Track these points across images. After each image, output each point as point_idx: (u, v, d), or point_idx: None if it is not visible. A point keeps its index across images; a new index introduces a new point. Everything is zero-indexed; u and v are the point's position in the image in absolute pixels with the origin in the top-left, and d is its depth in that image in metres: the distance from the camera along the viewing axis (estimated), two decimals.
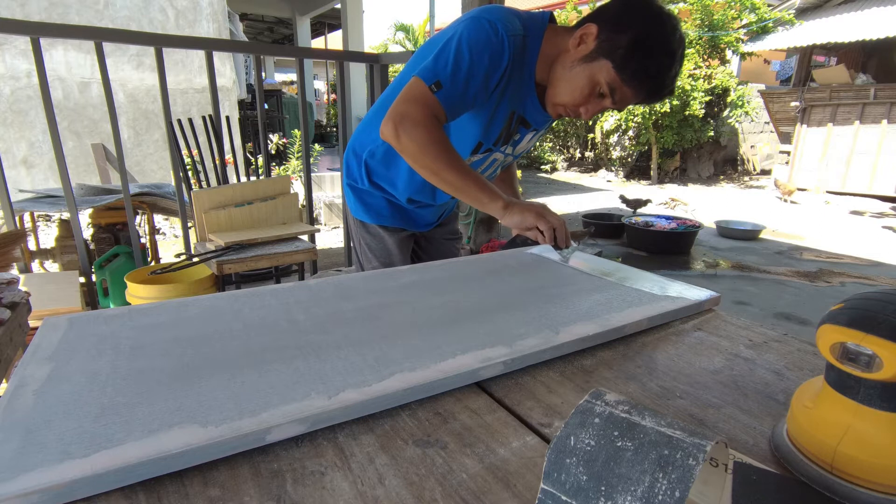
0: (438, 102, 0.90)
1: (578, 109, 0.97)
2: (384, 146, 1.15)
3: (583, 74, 0.93)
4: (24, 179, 4.65)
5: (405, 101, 0.91)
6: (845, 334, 0.37)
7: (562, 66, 0.96)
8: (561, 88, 0.97)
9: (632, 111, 7.55)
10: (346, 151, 1.24)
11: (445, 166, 0.91)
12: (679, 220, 4.39)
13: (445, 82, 0.90)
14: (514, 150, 1.15)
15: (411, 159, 0.93)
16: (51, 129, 1.86)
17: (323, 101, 14.32)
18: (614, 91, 0.92)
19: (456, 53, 0.90)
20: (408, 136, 0.90)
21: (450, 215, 1.41)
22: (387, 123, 0.91)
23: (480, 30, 0.91)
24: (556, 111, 1.02)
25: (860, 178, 6.76)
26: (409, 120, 0.89)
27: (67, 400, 0.45)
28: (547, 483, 0.30)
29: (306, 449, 0.43)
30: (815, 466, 0.40)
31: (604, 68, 0.91)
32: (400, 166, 1.15)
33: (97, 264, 2.23)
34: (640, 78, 0.90)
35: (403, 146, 0.91)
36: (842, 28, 7.02)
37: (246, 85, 7.04)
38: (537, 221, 0.92)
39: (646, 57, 0.89)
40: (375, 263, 1.27)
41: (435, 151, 0.90)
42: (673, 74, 0.92)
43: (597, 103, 0.96)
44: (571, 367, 0.58)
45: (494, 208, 0.94)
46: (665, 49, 0.89)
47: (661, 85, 0.92)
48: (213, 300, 0.71)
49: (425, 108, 0.90)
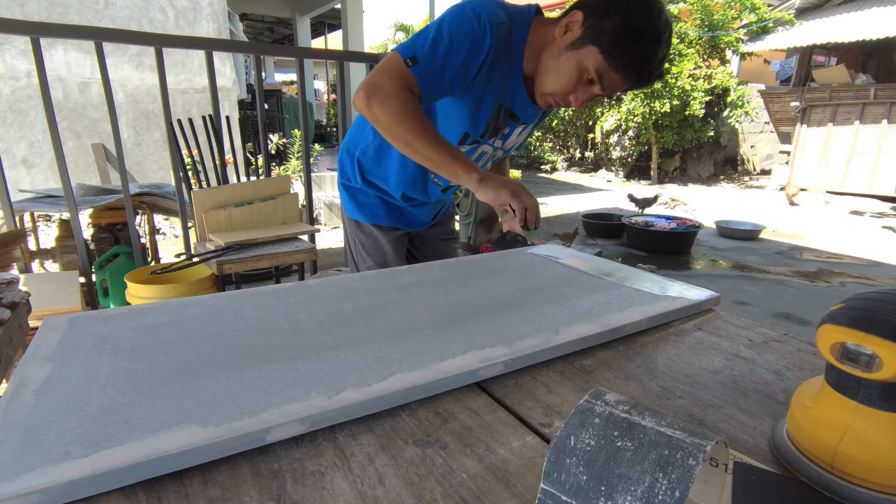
0: (413, 76, 0.90)
1: (568, 98, 0.97)
2: (375, 143, 1.15)
3: (570, 62, 0.93)
4: (24, 179, 4.65)
5: (379, 73, 0.90)
6: (845, 334, 0.37)
7: (549, 55, 0.97)
8: (549, 77, 0.97)
9: (632, 111, 7.54)
10: (341, 151, 1.24)
11: (418, 137, 0.90)
12: (679, 220, 4.39)
13: (422, 59, 0.90)
14: (503, 143, 1.15)
15: (384, 130, 0.92)
16: (51, 129, 1.86)
17: (323, 101, 14.33)
18: (602, 77, 0.92)
19: (436, 34, 0.90)
20: (380, 105, 0.89)
21: (445, 215, 1.41)
22: (359, 93, 0.91)
23: (463, 16, 0.92)
24: (545, 101, 1.02)
25: (860, 178, 6.76)
26: (382, 90, 0.89)
27: (67, 400, 0.45)
28: (547, 483, 0.30)
29: (306, 449, 0.43)
30: (814, 466, 0.40)
31: (591, 54, 0.91)
32: (391, 162, 1.15)
33: (97, 264, 2.23)
34: (628, 63, 0.90)
35: (376, 116, 0.91)
36: (842, 28, 7.02)
37: (246, 85, 7.04)
38: (511, 199, 0.92)
39: (633, 41, 0.89)
40: (370, 263, 1.27)
41: (409, 122, 0.89)
42: (661, 58, 0.91)
43: (585, 90, 0.96)
44: (571, 367, 0.58)
45: (469, 180, 0.93)
46: (652, 33, 0.89)
47: (650, 69, 0.92)
48: (213, 300, 0.71)
49: (399, 79, 0.89)
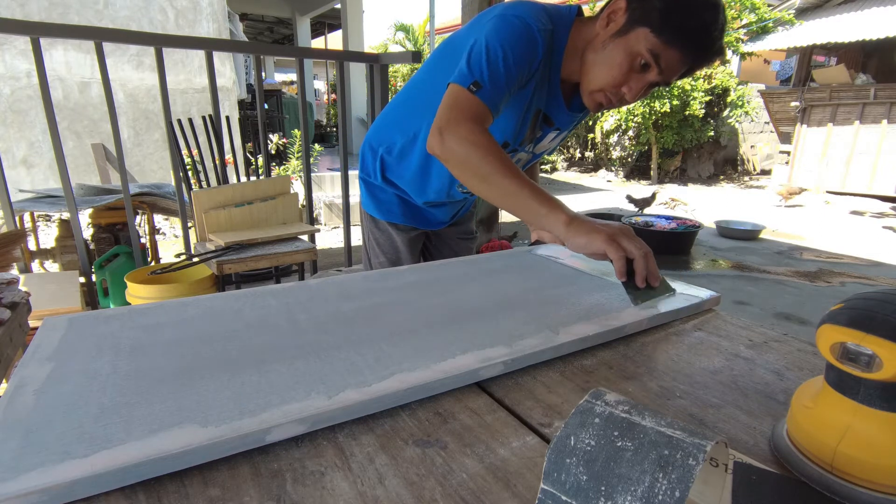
0: (481, 102, 0.84)
1: (621, 90, 0.89)
2: (401, 143, 1.13)
3: (618, 49, 0.86)
4: (24, 179, 4.65)
5: (447, 110, 0.85)
6: (845, 334, 0.37)
7: (593, 50, 0.90)
8: (596, 72, 0.90)
9: (632, 111, 7.54)
10: (363, 145, 1.22)
11: (496, 170, 0.81)
12: (679, 220, 4.39)
13: (485, 81, 0.84)
14: (534, 147, 1.11)
15: (457, 165, 0.85)
16: (51, 129, 1.86)
17: (323, 101, 14.31)
18: (658, 58, 0.83)
19: (489, 52, 0.85)
20: (454, 137, 0.83)
21: (465, 214, 1.38)
22: (432, 136, 0.85)
23: (511, 26, 0.87)
24: (594, 100, 0.93)
25: (860, 178, 6.76)
26: (454, 123, 0.83)
27: (67, 400, 0.45)
28: (547, 483, 0.30)
29: (306, 449, 0.43)
30: (814, 466, 0.40)
31: (641, 36, 0.83)
32: (414, 166, 1.12)
33: (97, 264, 2.23)
34: (687, 35, 0.82)
35: (450, 150, 0.84)
36: (842, 28, 7.02)
37: (246, 85, 7.04)
38: (607, 246, 0.71)
39: (686, 13, 0.81)
40: (382, 259, 1.25)
41: (480, 155, 0.81)
42: (720, 26, 0.82)
43: (640, 78, 0.87)
44: (571, 367, 0.58)
45: (554, 222, 0.77)
46: (705, 1, 0.81)
47: (710, 38, 0.83)
48: (213, 300, 0.71)
49: (468, 111, 0.84)
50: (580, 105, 1.01)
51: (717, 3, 0.82)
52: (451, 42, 1.02)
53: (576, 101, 1.02)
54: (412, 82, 1.13)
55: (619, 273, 0.71)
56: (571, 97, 1.02)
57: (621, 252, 0.71)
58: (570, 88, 1.00)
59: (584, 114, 1.07)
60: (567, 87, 0.99)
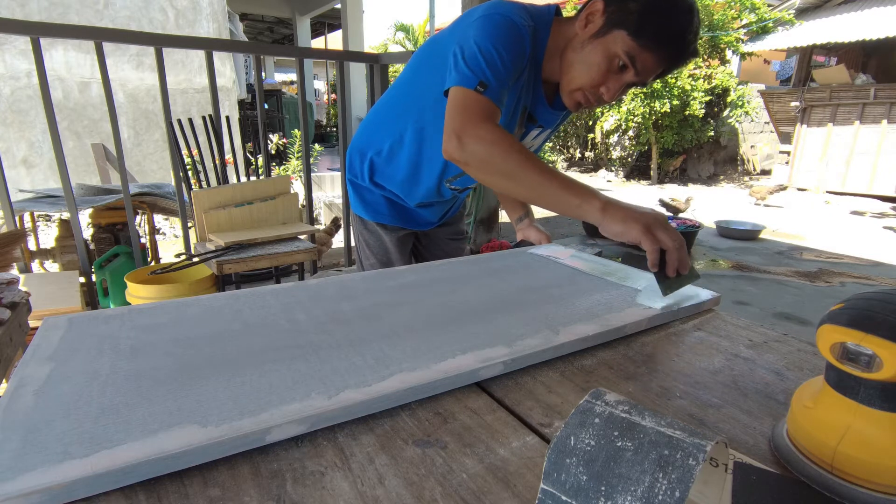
0: (491, 101, 0.84)
1: (599, 90, 0.91)
2: (389, 145, 1.13)
3: (597, 50, 0.88)
4: (24, 179, 4.65)
5: (458, 113, 0.83)
6: (845, 334, 0.37)
7: (572, 50, 0.92)
8: (576, 71, 0.92)
9: (632, 111, 7.54)
10: (350, 147, 1.22)
11: (521, 165, 0.79)
12: (679, 220, 4.39)
13: (489, 80, 0.84)
14: None
15: (480, 165, 0.82)
16: (51, 129, 1.86)
17: (323, 101, 14.31)
18: (635, 59, 0.86)
19: (485, 53, 0.85)
20: (473, 142, 0.81)
21: (455, 215, 1.39)
22: (448, 141, 0.83)
23: (498, 25, 0.87)
24: (573, 99, 0.95)
25: (860, 178, 6.76)
26: (471, 124, 0.82)
27: (67, 400, 0.45)
28: (547, 483, 0.30)
29: (306, 449, 0.43)
30: (814, 466, 0.40)
31: (619, 38, 0.85)
32: (402, 168, 1.13)
33: (97, 264, 2.23)
34: (661, 38, 0.84)
35: (469, 156, 0.82)
36: (842, 28, 7.02)
37: (246, 85, 7.04)
38: (643, 236, 0.71)
39: (662, 16, 0.83)
40: (373, 261, 1.26)
41: (502, 153, 0.80)
42: (694, 29, 0.85)
43: (617, 79, 0.89)
44: (571, 367, 0.58)
45: (589, 210, 0.75)
46: (683, 3, 0.83)
47: (684, 42, 0.85)
48: (213, 300, 0.71)
49: (481, 112, 0.83)
50: (561, 104, 1.02)
51: (692, 7, 0.84)
52: (435, 43, 1.02)
53: (557, 100, 1.02)
54: (397, 84, 1.13)
55: (652, 264, 0.72)
56: (553, 96, 1.03)
57: (656, 245, 0.71)
58: (551, 88, 1.01)
59: (565, 113, 1.08)
60: (548, 86, 1.00)
